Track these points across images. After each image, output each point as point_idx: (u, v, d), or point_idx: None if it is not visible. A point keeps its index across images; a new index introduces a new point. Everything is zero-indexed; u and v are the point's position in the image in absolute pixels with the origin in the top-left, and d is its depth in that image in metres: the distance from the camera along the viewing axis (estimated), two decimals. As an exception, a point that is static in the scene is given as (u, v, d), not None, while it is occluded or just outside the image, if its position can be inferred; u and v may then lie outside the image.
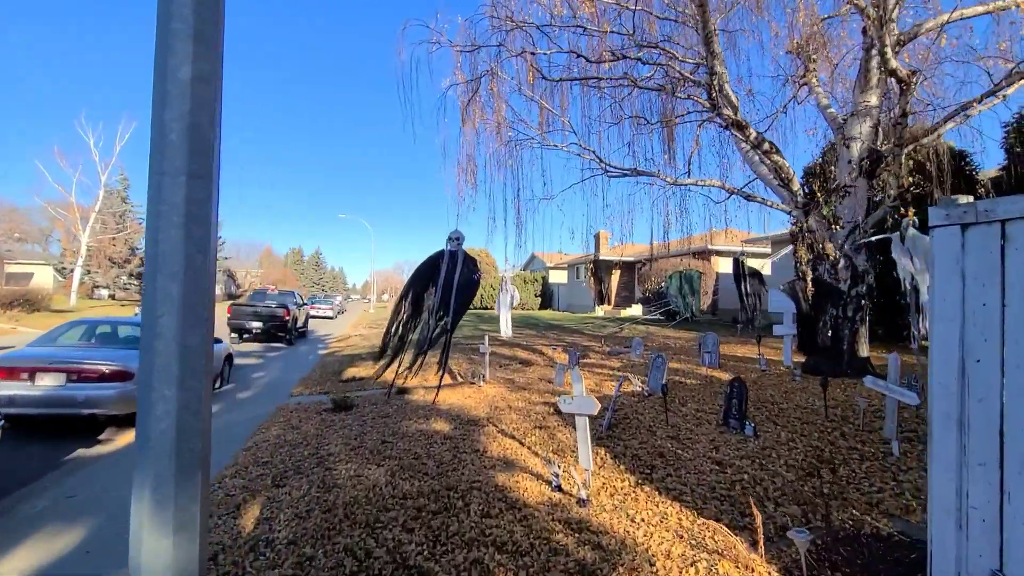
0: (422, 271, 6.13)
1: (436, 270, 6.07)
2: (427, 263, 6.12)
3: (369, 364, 12.30)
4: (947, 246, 2.42)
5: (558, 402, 4.32)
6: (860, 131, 6.62)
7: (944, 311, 2.41)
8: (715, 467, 4.23)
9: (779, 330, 7.95)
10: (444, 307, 6.04)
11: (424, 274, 6.12)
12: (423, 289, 6.22)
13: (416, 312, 6.28)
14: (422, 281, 6.14)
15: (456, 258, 5.88)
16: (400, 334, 6.21)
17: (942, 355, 2.41)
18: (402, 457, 5.18)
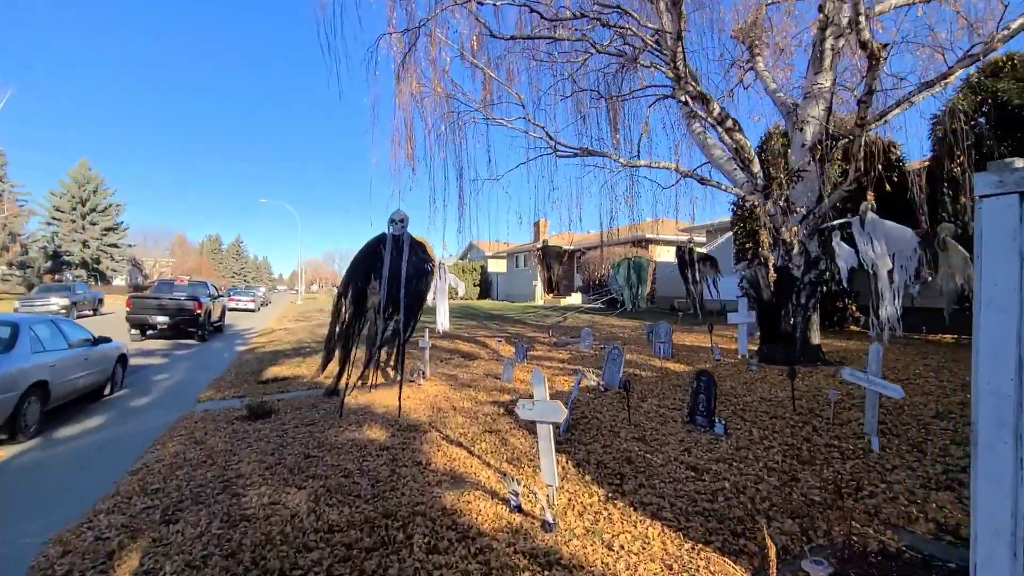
0: (361, 261, 5.20)
1: (378, 259, 5.17)
2: (366, 251, 5.19)
3: (295, 361, 11.14)
4: (1001, 219, 2.01)
5: (516, 409, 3.70)
6: (814, 114, 6.48)
7: (996, 298, 2.01)
8: (691, 473, 3.79)
9: (734, 318, 7.82)
10: (393, 304, 5.20)
11: (364, 265, 5.20)
12: (365, 283, 5.29)
13: (359, 311, 5.35)
14: (363, 273, 5.22)
15: (401, 244, 5.06)
16: (344, 340, 5.26)
17: (993, 352, 2.01)
18: (329, 476, 4.38)
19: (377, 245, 5.16)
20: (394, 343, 5.28)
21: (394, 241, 4.98)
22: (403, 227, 4.97)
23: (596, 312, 18.08)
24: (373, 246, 5.19)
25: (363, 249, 5.23)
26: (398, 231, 4.96)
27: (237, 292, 31.83)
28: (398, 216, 5.00)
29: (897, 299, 5.53)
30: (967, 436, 4.09)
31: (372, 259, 5.15)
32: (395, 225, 4.99)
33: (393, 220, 5.02)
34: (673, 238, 23.77)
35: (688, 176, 7.50)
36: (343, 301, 5.26)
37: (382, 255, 5.09)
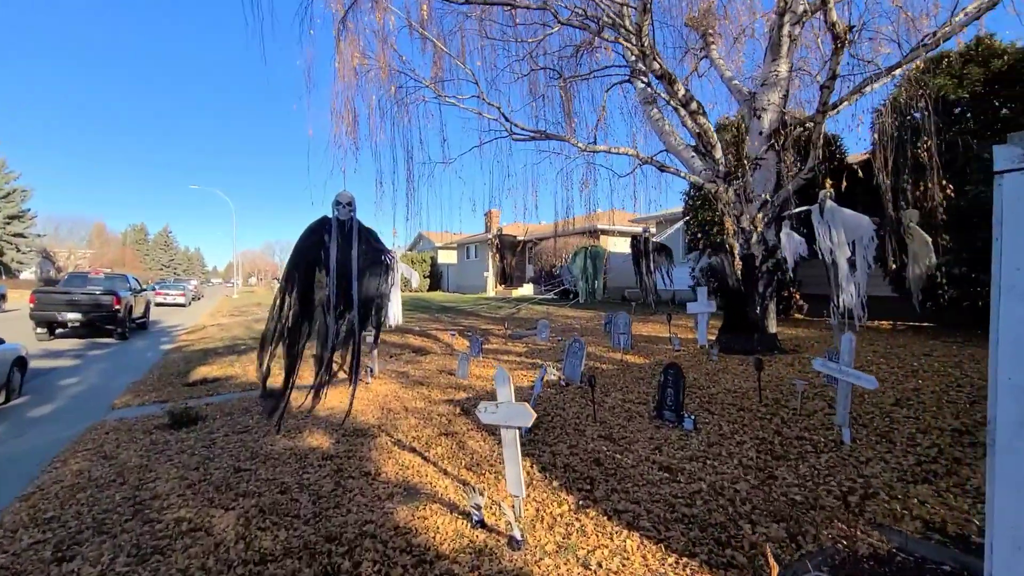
0: (304, 251, 4.52)
1: (323, 248, 4.53)
2: (308, 238, 4.51)
3: (227, 360, 10.25)
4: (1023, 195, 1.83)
5: (478, 412, 3.32)
6: (771, 101, 6.44)
7: (1018, 284, 1.83)
8: (664, 475, 3.55)
9: (693, 307, 7.76)
10: (344, 299, 4.58)
11: (308, 255, 4.53)
12: (310, 275, 4.62)
13: (307, 309, 4.67)
14: (307, 265, 4.56)
15: (349, 231, 4.48)
16: (290, 341, 4.59)
17: (1015, 344, 1.83)
18: (263, 492, 3.85)
19: (320, 231, 4.53)
20: (348, 344, 4.70)
21: (340, 227, 4.41)
22: (351, 211, 4.41)
23: (549, 303, 17.92)
24: (316, 233, 4.54)
25: (304, 236, 4.58)
26: (344, 215, 4.39)
27: (165, 286, 29.49)
28: (344, 198, 4.42)
29: (861, 287, 5.56)
30: (931, 425, 4.09)
31: (316, 248, 4.51)
32: (341, 208, 4.41)
33: (339, 202, 4.43)
34: (625, 229, 24.02)
35: (648, 163, 7.33)
36: (287, 297, 4.61)
37: (326, 244, 4.48)
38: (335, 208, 4.41)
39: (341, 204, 4.38)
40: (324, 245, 4.38)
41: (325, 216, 4.42)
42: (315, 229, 4.50)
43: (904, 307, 8.76)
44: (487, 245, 29.50)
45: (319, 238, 4.43)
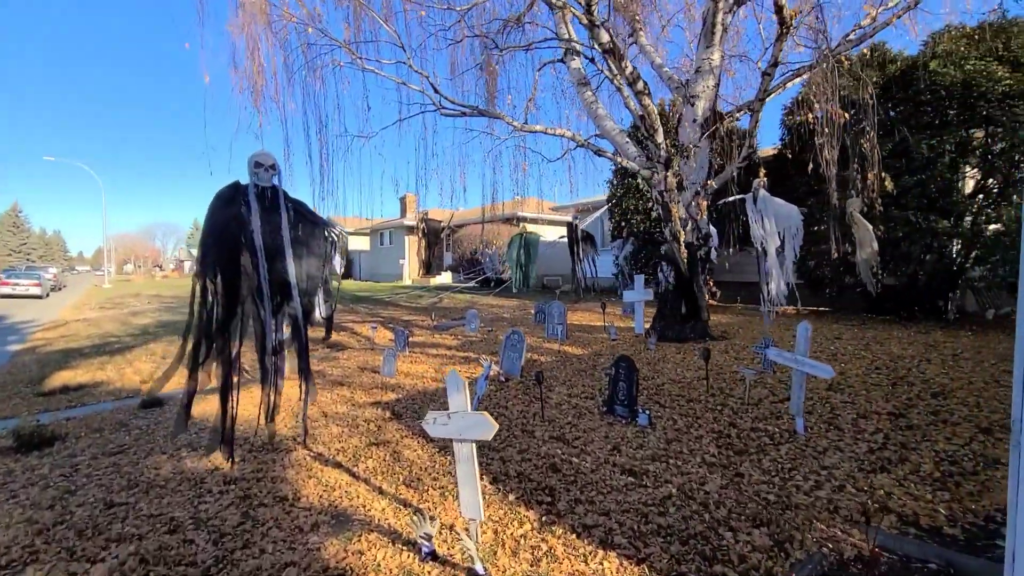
0: (220, 228, 3.59)
1: (244, 224, 3.65)
2: (223, 212, 3.60)
3: (96, 362, 8.68)
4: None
5: (425, 424, 2.81)
6: (704, 89, 6.43)
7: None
8: (629, 479, 3.28)
9: (630, 296, 7.69)
10: (279, 287, 3.74)
11: (224, 232, 3.62)
12: (233, 259, 3.69)
13: (232, 299, 3.75)
14: (226, 245, 3.64)
15: (274, 200, 3.66)
16: (216, 340, 3.68)
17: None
18: (146, 534, 3.06)
19: (235, 202, 3.62)
20: (293, 345, 3.90)
21: (261, 197, 3.57)
22: (274, 175, 3.60)
23: (471, 292, 17.45)
24: (230, 204, 3.62)
25: (216, 209, 3.62)
26: (266, 181, 3.56)
27: (14, 274, 24.98)
28: (266, 159, 3.56)
29: (787, 275, 5.70)
30: (867, 409, 4.21)
31: (236, 225, 3.61)
32: (261, 172, 3.57)
33: (260, 164, 3.56)
34: (546, 217, 24.09)
35: (584, 146, 7.08)
36: (208, 284, 3.67)
37: (246, 218, 3.60)
38: (253, 173, 3.57)
39: (262, 167, 3.55)
40: (244, 220, 3.54)
41: (238, 182, 3.57)
42: (229, 199, 3.61)
43: (805, 293, 9.43)
44: (404, 231, 28.27)
45: (236, 211, 3.56)
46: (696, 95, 6.45)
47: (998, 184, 8.21)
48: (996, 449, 3.41)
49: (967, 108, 7.72)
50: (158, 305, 18.85)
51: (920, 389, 4.64)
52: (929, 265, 8.40)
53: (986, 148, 8.15)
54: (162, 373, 3.81)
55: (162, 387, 3.96)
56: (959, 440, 3.56)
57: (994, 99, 7.38)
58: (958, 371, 5.18)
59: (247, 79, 6.07)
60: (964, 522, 2.63)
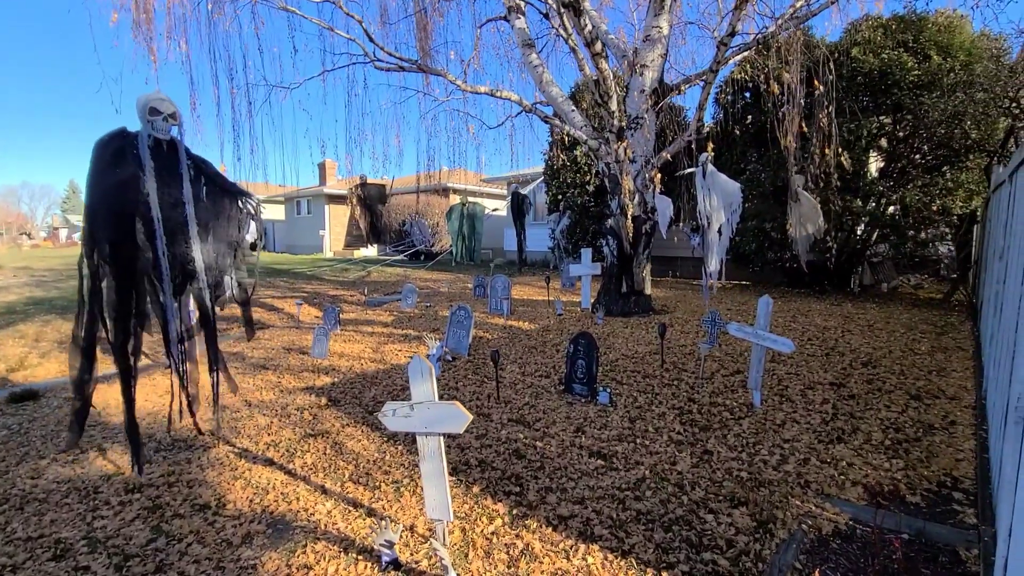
0: (108, 192, 2.85)
1: (137, 187, 2.95)
2: (111, 172, 2.85)
3: (-51, 347, 7.23)
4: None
5: (382, 416, 2.43)
6: (653, 58, 6.29)
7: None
8: (599, 463, 3.11)
9: (577, 269, 7.53)
10: (181, 265, 3.08)
11: (113, 197, 2.88)
12: (126, 228, 2.98)
13: (126, 280, 3.03)
14: (116, 213, 2.90)
15: (172, 157, 2.96)
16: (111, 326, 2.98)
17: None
18: (22, 564, 2.50)
19: (124, 157, 2.90)
20: (202, 331, 3.28)
21: (158, 152, 2.88)
22: (173, 127, 2.92)
23: (402, 265, 16.67)
24: (119, 161, 2.89)
25: (101, 167, 2.86)
26: (163, 133, 2.86)
27: None
28: (165, 106, 2.85)
29: (723, 251, 5.80)
30: (811, 380, 4.35)
31: (129, 188, 2.90)
32: (158, 121, 2.87)
33: (157, 112, 2.86)
34: (474, 188, 23.50)
35: (530, 111, 6.72)
36: (97, 263, 2.96)
37: (141, 180, 2.91)
38: (147, 121, 2.87)
39: (159, 115, 2.86)
40: (138, 181, 2.84)
41: (125, 130, 2.86)
42: (117, 152, 2.88)
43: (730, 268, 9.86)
44: (324, 199, 26.44)
45: (130, 172, 2.85)
46: (644, 64, 6.29)
47: (899, 168, 8.94)
48: (929, 415, 3.63)
49: (881, 95, 8.25)
50: (27, 279, 16.25)
51: (851, 359, 4.90)
52: (841, 242, 9.07)
53: (892, 134, 8.82)
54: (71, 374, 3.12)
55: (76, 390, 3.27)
56: (896, 407, 3.76)
57: (905, 87, 7.92)
58: (877, 341, 5.56)
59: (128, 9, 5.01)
60: (921, 489, 2.72)
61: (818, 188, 6.44)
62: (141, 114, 2.92)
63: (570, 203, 11.85)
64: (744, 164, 10.22)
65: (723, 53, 5.35)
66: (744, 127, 10.28)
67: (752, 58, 9.25)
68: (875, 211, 8.70)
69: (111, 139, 2.91)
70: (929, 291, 9.54)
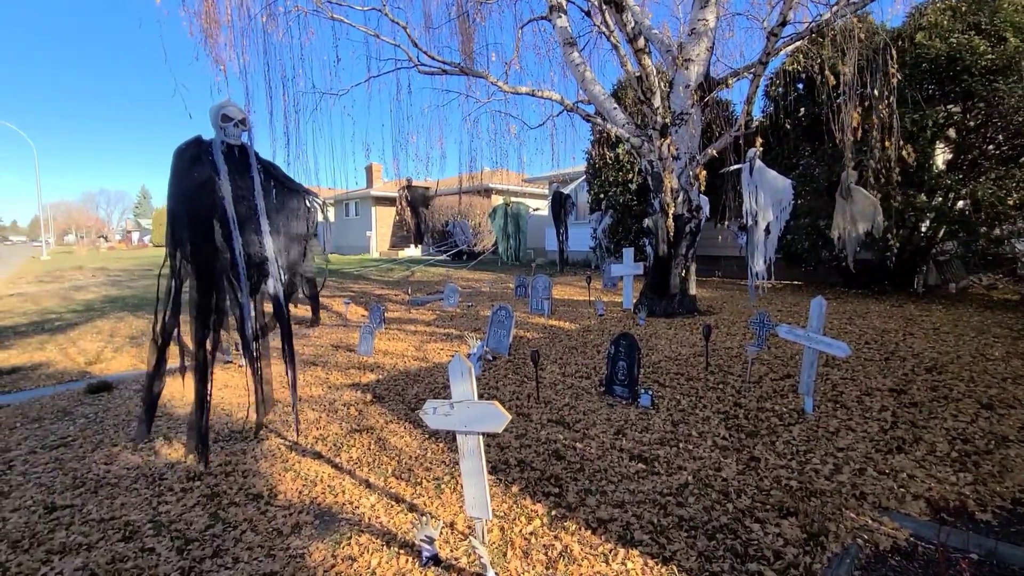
0: (189, 193, 3.01)
1: (212, 187, 3.10)
2: (189, 174, 2.99)
3: (35, 341, 7.93)
4: None
5: (423, 414, 2.48)
6: (698, 52, 6.12)
7: None
8: (639, 466, 3.07)
9: (619, 269, 7.46)
10: (256, 264, 3.21)
11: (195, 199, 3.05)
12: (206, 230, 3.13)
13: (207, 279, 3.20)
14: (198, 214, 3.07)
15: (243, 161, 3.11)
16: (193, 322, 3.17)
17: None
18: (96, 543, 2.67)
19: (201, 162, 3.05)
20: (276, 326, 3.41)
21: (230, 157, 3.02)
22: (244, 132, 3.06)
23: (444, 265, 16.96)
24: (196, 165, 3.04)
25: (181, 171, 3.00)
26: (235, 138, 3.01)
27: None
28: (236, 112, 2.99)
29: (771, 250, 5.57)
30: (868, 386, 4.12)
31: (207, 190, 3.06)
32: (230, 128, 3.02)
33: (229, 118, 3.00)
34: (516, 189, 23.57)
35: (572, 111, 6.69)
36: (179, 263, 3.14)
37: (218, 183, 3.06)
38: (220, 128, 3.02)
39: (231, 121, 3.00)
40: (214, 184, 3.00)
41: (200, 138, 3.02)
42: (194, 158, 3.03)
43: (780, 267, 9.46)
44: (371, 201, 27.22)
45: (206, 176, 3.01)
46: (690, 59, 6.13)
47: (969, 160, 8.32)
48: (1003, 426, 3.37)
49: (949, 82, 7.71)
50: (104, 279, 17.56)
51: (913, 364, 4.61)
52: (903, 239, 8.52)
53: (962, 123, 8.21)
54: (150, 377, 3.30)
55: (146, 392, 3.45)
56: (964, 417, 3.51)
57: (977, 73, 7.37)
58: (943, 345, 5.21)
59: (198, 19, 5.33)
60: (993, 506, 2.53)
61: (878, 183, 6.08)
62: (214, 121, 3.06)
63: (612, 202, 11.69)
64: (796, 159, 9.79)
65: (773, 44, 5.13)
66: (796, 120, 9.85)
67: (805, 48, 8.86)
68: (942, 206, 8.13)
69: (188, 146, 3.07)
70: (1004, 292, 8.83)
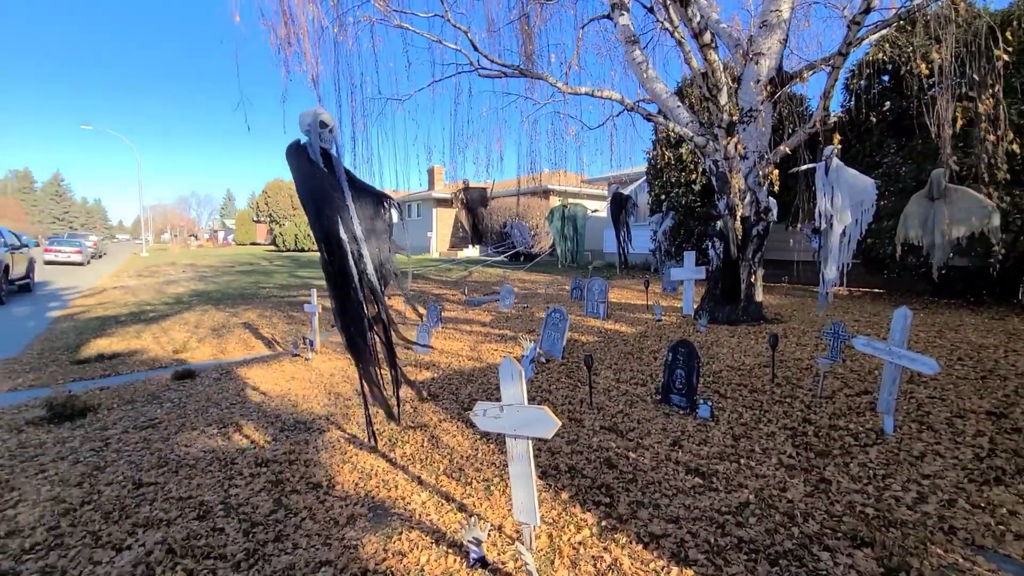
0: (321, 193, 3.16)
1: (329, 191, 3.24)
2: (314, 172, 3.19)
3: (132, 330, 8.73)
4: None
5: (473, 415, 2.50)
6: (770, 45, 5.78)
7: None
8: (696, 480, 2.93)
9: (679, 273, 7.22)
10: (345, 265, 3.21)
11: (325, 199, 3.21)
12: (335, 229, 3.29)
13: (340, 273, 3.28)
14: (327, 214, 3.23)
15: (329, 163, 3.25)
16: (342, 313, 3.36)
17: None
18: (174, 520, 2.88)
19: (308, 164, 3.19)
20: (378, 324, 3.50)
21: (311, 163, 3.15)
22: (331, 138, 3.20)
23: (499, 266, 17.11)
24: (310, 164, 3.18)
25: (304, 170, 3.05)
26: (327, 143, 3.15)
27: (58, 241, 25.74)
28: (328, 118, 3.14)
29: (846, 255, 5.17)
30: (960, 407, 3.72)
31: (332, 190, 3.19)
32: (325, 133, 3.14)
33: (325, 124, 3.14)
34: (574, 190, 23.39)
35: (634, 110, 6.54)
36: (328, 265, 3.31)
37: (340, 183, 3.19)
38: (312, 134, 3.14)
39: (326, 127, 3.14)
40: (338, 183, 3.12)
41: (298, 141, 3.18)
42: (308, 160, 3.18)
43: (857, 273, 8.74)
44: (432, 203, 27.99)
45: (327, 173, 3.13)
46: (760, 52, 5.80)
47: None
48: None
49: (1067, 68, 6.84)
50: (192, 274, 19.13)
51: (1016, 385, 4.12)
52: (1007, 245, 7.65)
53: (1083, 114, 7.26)
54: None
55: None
56: (1080, 448, 3.08)
57: (1102, 57, 6.49)
58: (1054, 365, 4.62)
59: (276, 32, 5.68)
60: (1115, 553, 2.20)
61: (979, 181, 5.49)
62: (311, 126, 3.13)
63: (674, 203, 11.31)
64: (879, 156, 9.04)
65: (855, 33, 4.74)
66: (881, 115, 9.09)
67: (892, 36, 8.16)
68: (1059, 208, 7.23)
69: (298, 148, 3.19)
70: None
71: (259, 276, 18.12)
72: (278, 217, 45.25)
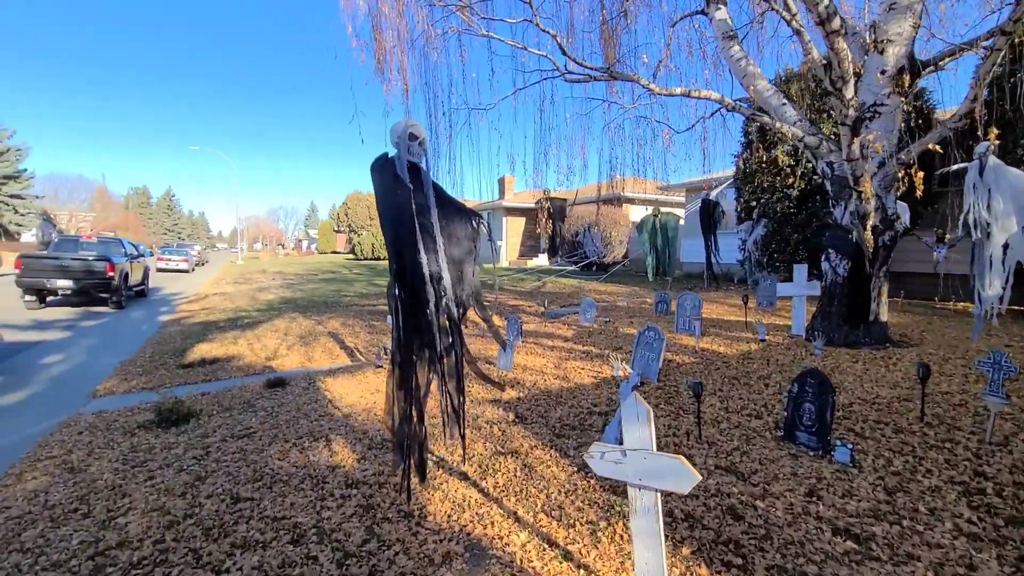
0: (402, 209, 3.02)
1: (411, 210, 3.06)
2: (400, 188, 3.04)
3: (230, 336, 9.23)
4: None
5: (588, 457, 2.20)
6: (900, 31, 5.07)
7: None
8: (847, 544, 2.45)
9: (787, 289, 6.55)
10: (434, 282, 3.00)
11: (408, 214, 3.05)
12: (414, 245, 3.13)
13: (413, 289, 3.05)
14: (408, 230, 3.07)
15: (417, 177, 3.09)
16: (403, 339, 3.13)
17: None
18: (269, 542, 2.80)
19: (397, 176, 3.01)
20: (452, 346, 3.25)
21: (396, 178, 3.02)
22: (422, 151, 3.08)
23: (574, 276, 16.72)
24: (396, 180, 2.99)
25: (387, 185, 2.92)
26: (417, 157, 3.02)
27: (168, 250, 28.48)
28: (419, 130, 3.00)
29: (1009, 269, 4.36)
30: None
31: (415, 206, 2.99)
32: (415, 147, 3.01)
33: (415, 137, 3.02)
34: (649, 197, 22.57)
35: (733, 110, 6.00)
36: (398, 285, 3.13)
37: (427, 199, 3.01)
38: (402, 146, 3.01)
39: (416, 140, 3.01)
40: (424, 200, 2.97)
41: (386, 154, 3.07)
42: (394, 176, 3.03)
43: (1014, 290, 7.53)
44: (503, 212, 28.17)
45: (404, 191, 2.97)
46: (888, 39, 5.10)
47: None
48: None
49: None
50: (281, 282, 20.35)
51: None
52: None
53: None
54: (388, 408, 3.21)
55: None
56: None
57: None
58: None
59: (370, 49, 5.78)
60: None
61: None
62: (401, 138, 3.03)
63: (766, 210, 10.44)
64: None
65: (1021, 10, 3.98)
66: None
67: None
68: None
69: (385, 163, 3.09)
70: None
71: (340, 284, 18.92)
72: (356, 227, 47.66)
